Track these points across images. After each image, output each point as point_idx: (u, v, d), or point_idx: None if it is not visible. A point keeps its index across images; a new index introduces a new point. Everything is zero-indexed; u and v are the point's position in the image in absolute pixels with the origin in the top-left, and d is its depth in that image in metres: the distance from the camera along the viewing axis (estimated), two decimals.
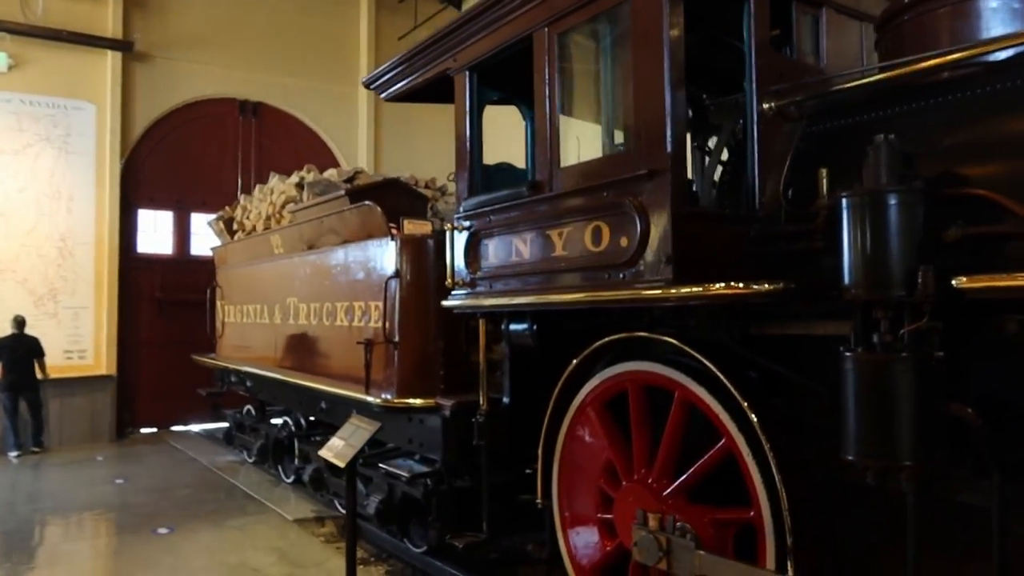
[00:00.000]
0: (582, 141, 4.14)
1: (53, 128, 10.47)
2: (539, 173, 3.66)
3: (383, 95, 5.03)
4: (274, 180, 7.48)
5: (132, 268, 11.16)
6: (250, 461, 8.85)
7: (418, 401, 4.76)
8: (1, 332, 9.56)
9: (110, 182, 10.75)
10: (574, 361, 3.83)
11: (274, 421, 8.26)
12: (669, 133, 3.02)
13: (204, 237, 11.88)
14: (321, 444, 7.08)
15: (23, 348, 9.51)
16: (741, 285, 2.75)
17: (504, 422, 4.29)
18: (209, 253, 11.80)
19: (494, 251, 3.97)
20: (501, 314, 4.13)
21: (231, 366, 8.25)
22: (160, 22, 11.34)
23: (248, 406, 8.88)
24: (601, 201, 3.30)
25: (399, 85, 4.82)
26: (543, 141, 3.64)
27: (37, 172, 10.35)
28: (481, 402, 4.26)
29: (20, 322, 9.56)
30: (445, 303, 4.25)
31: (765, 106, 3.31)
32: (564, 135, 3.62)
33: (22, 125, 10.30)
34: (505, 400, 4.34)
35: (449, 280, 4.20)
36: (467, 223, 4.14)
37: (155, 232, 11.56)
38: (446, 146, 13.51)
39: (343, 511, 6.37)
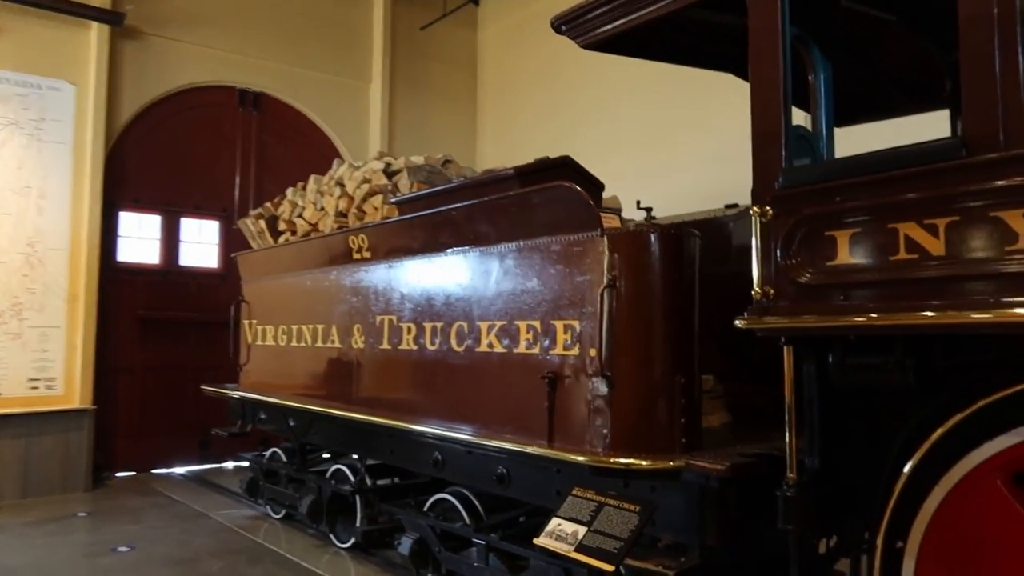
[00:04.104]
0: None
1: (24, 111, 8.64)
2: (974, 125, 2.39)
3: (582, 38, 3.68)
4: (342, 168, 5.99)
5: (112, 280, 9.36)
6: (276, 517, 7.23)
7: (644, 462, 3.37)
8: None
9: (91, 178, 8.96)
10: (961, 412, 2.59)
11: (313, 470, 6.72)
12: None
13: (196, 246, 10.22)
14: (401, 500, 5.66)
15: None
16: None
17: (813, 494, 2.97)
18: (203, 264, 10.21)
19: (852, 246, 2.66)
20: (823, 340, 2.85)
21: (265, 399, 6.64)
22: None
23: (274, 449, 7.27)
24: None
25: (623, 20, 3.49)
26: (980, 75, 2.38)
27: (2, 162, 8.50)
28: (789, 468, 2.93)
29: None
30: (744, 323, 2.91)
31: None
32: None
33: None
34: (812, 462, 3.02)
35: (757, 289, 2.87)
36: (787, 206, 2.83)
37: (140, 239, 9.79)
38: (463, 147, 12.24)
39: None
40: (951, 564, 2.69)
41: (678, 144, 9.29)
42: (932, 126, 4.29)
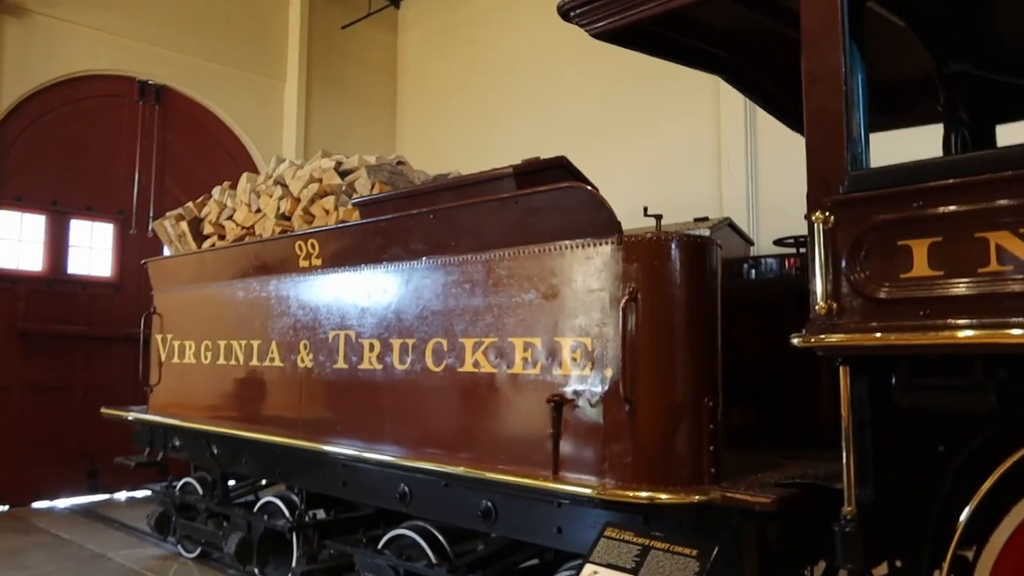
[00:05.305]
0: None
1: None
2: None
3: (593, 27, 3.34)
4: (282, 166, 5.37)
5: None
6: (190, 556, 6.43)
7: (664, 496, 3.02)
8: None
9: None
10: None
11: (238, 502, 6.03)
12: None
13: (87, 251, 9.17)
14: (349, 536, 5.07)
15: None
16: None
17: (872, 527, 2.72)
18: (95, 272, 9.18)
19: (932, 256, 2.43)
20: (887, 360, 2.61)
21: (182, 424, 5.88)
22: None
23: (188, 480, 6.48)
24: None
25: (644, 8, 3.16)
26: None
27: None
28: (847, 501, 2.66)
29: None
30: (802, 342, 2.62)
31: None
32: None
33: None
34: (866, 493, 2.76)
35: (820, 304, 2.59)
36: (854, 213, 2.58)
37: (20, 241, 8.67)
38: (383, 151, 11.65)
39: None
40: None
41: (608, 153, 9.07)
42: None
